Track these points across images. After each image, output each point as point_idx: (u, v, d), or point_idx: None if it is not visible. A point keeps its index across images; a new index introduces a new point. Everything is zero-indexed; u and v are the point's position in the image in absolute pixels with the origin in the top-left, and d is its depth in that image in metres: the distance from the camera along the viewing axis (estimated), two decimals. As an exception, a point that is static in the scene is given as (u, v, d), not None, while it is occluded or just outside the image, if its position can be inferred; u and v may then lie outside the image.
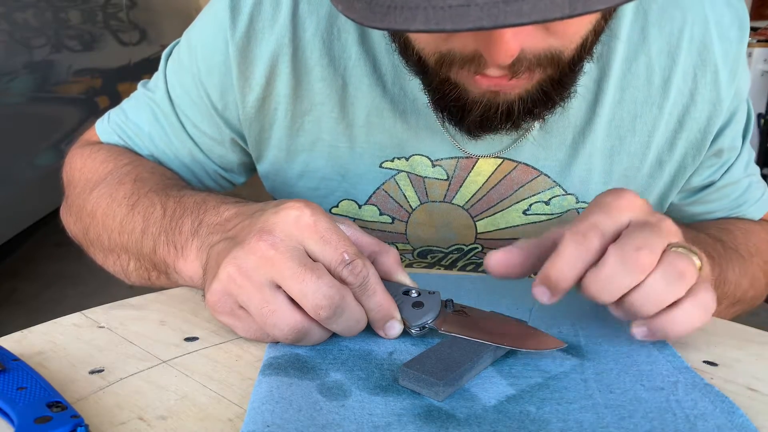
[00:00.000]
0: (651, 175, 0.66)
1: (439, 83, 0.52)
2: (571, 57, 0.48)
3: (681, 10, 0.61)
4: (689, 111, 0.63)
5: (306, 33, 0.61)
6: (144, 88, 0.71)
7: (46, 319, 0.47)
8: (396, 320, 0.44)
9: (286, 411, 0.35)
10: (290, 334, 0.41)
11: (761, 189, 0.72)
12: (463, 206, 0.66)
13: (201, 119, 0.67)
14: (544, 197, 0.66)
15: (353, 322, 0.42)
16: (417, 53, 0.51)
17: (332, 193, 0.67)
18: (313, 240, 0.41)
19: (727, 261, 0.62)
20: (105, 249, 0.61)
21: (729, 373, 0.44)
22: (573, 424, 0.36)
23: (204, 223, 0.48)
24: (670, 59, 0.61)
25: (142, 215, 0.55)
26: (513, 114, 0.52)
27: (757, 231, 0.70)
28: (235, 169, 0.72)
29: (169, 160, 0.70)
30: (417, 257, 0.71)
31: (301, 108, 0.64)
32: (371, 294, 0.42)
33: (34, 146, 2.10)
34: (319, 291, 0.40)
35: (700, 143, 0.64)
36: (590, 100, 0.62)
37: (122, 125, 0.70)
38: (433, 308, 0.45)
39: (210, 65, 0.64)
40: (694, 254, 0.42)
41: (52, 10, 2.19)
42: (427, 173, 0.65)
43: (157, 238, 0.52)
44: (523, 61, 0.46)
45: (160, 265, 0.52)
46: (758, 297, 0.69)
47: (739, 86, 0.63)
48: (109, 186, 0.61)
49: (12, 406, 0.34)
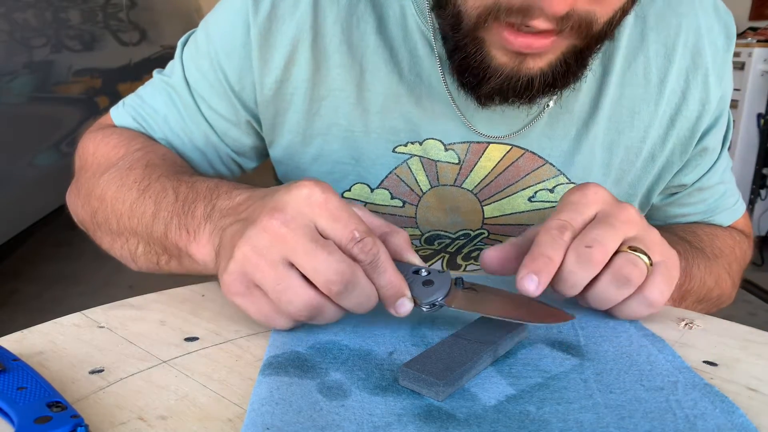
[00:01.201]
0: (644, 168, 0.70)
1: (469, 41, 0.54)
2: (600, 29, 0.52)
3: (677, 18, 0.66)
4: (681, 110, 0.67)
5: (327, 20, 0.64)
6: (159, 74, 0.73)
7: (46, 319, 0.47)
8: (407, 298, 0.44)
9: (286, 412, 0.35)
10: (304, 311, 0.42)
11: (734, 198, 0.77)
12: (472, 190, 0.68)
13: (218, 101, 0.68)
14: (549, 185, 0.68)
15: (364, 298, 0.42)
16: (458, 7, 0.53)
17: (345, 177, 0.68)
18: (324, 218, 0.42)
19: (693, 258, 0.65)
20: (113, 233, 0.61)
21: (729, 373, 0.44)
22: (573, 424, 0.36)
23: (217, 208, 0.49)
24: (666, 61, 0.66)
25: (154, 199, 0.55)
26: (532, 88, 0.55)
27: (723, 236, 0.74)
28: (248, 153, 0.73)
29: (182, 143, 0.70)
30: (424, 243, 0.72)
31: (319, 93, 0.65)
32: (382, 271, 0.43)
33: (34, 146, 2.10)
34: (331, 267, 0.40)
35: (688, 140, 0.69)
36: (594, 95, 0.66)
37: (137, 108, 0.71)
38: (443, 286, 0.45)
39: (229, 49, 0.66)
40: (643, 254, 0.46)
41: (52, 10, 2.19)
42: (439, 157, 0.67)
43: (169, 222, 0.52)
44: (570, 19, 0.49)
45: (172, 249, 0.53)
46: (725, 296, 0.72)
47: (724, 91, 0.69)
48: (119, 171, 0.62)
49: (12, 406, 0.34)
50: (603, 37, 0.54)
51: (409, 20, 0.64)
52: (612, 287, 0.46)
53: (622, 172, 0.69)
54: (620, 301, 0.47)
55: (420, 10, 0.63)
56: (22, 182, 2.00)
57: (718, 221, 0.76)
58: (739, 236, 0.77)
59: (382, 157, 0.67)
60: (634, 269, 0.45)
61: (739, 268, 0.75)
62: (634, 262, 0.46)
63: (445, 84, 0.64)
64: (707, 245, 0.70)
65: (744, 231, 0.79)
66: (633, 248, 0.46)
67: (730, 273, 0.72)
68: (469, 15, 0.52)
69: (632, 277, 0.46)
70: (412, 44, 0.64)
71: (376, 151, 0.67)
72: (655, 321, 0.51)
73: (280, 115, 0.67)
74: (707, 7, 0.67)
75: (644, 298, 0.47)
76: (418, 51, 0.64)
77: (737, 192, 0.78)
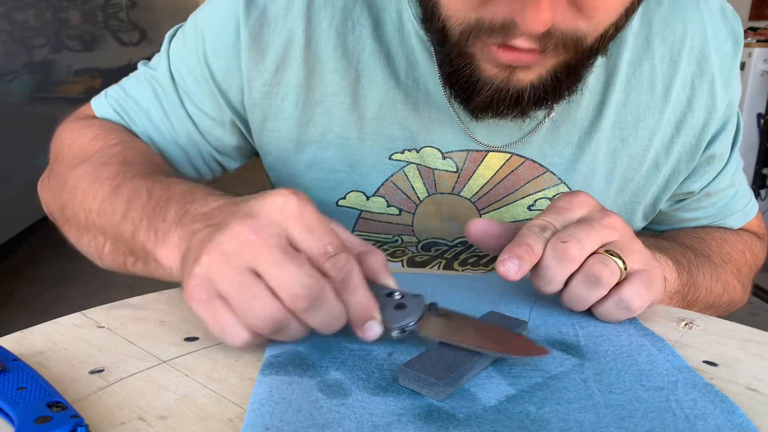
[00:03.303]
0: (648, 176, 0.68)
1: (456, 56, 0.53)
2: (590, 45, 0.51)
3: (682, 23, 0.64)
4: (686, 117, 0.66)
5: (321, 25, 0.63)
6: (145, 66, 0.71)
7: (46, 319, 0.47)
8: (375, 321, 0.42)
9: (286, 412, 0.35)
10: (267, 324, 0.39)
11: (745, 199, 0.76)
12: (470, 199, 0.67)
13: (203, 98, 0.67)
14: (549, 194, 0.67)
15: (331, 317, 0.40)
16: (442, 21, 0.52)
17: (341, 184, 0.67)
18: (297, 228, 0.40)
19: (698, 268, 0.64)
20: (81, 228, 0.58)
21: (729, 373, 0.44)
22: (573, 424, 0.36)
23: (189, 212, 0.46)
24: (672, 67, 0.64)
25: (126, 198, 0.53)
26: (522, 101, 0.54)
27: (733, 240, 0.73)
28: (230, 152, 0.71)
29: (163, 139, 0.69)
30: (421, 250, 0.72)
31: (313, 99, 0.64)
32: (352, 290, 0.41)
33: (34, 146, 2.10)
34: (298, 280, 0.38)
35: (695, 149, 0.67)
36: (597, 102, 0.65)
37: (120, 100, 0.69)
38: (415, 311, 0.43)
39: (217, 48, 0.65)
40: (618, 258, 0.46)
41: (52, 10, 2.19)
42: (437, 165, 0.66)
43: (138, 223, 0.50)
44: (552, 36, 0.48)
45: (138, 252, 0.50)
46: (735, 301, 0.72)
47: (732, 97, 0.67)
48: (94, 165, 0.59)
49: (12, 406, 0.34)
50: (596, 53, 0.53)
51: (407, 25, 0.62)
52: (582, 286, 0.47)
53: (625, 180, 0.68)
54: (594, 302, 0.48)
55: (417, 15, 0.62)
56: (22, 182, 2.00)
57: (729, 224, 0.75)
58: (750, 239, 0.76)
59: (378, 164, 0.66)
60: (604, 269, 0.46)
61: (750, 272, 0.74)
62: (605, 262, 0.46)
63: (444, 90, 0.62)
64: (715, 251, 0.69)
65: (757, 232, 0.78)
66: (609, 252, 0.46)
67: (740, 278, 0.71)
68: (453, 32, 0.52)
69: (601, 276, 0.46)
70: (410, 49, 0.63)
71: (371, 159, 0.66)
72: (655, 321, 0.51)
73: (269, 120, 0.66)
74: (714, 11, 0.65)
75: (621, 301, 0.47)
76: (416, 56, 0.63)
77: (749, 193, 0.76)
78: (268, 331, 0.40)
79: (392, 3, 0.63)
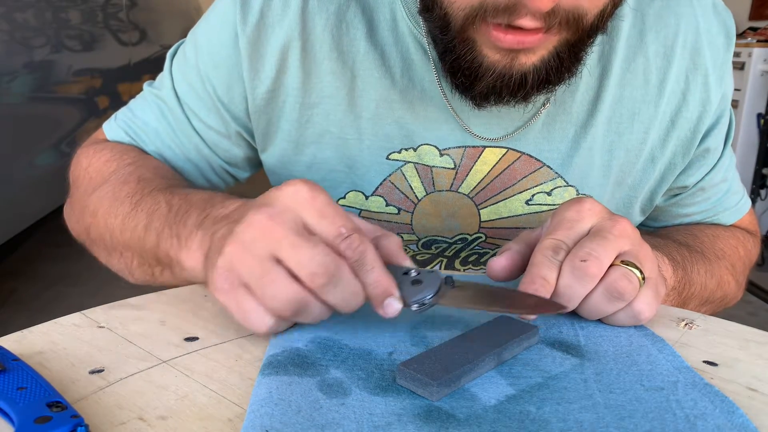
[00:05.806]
0: (644, 170, 0.69)
1: (459, 42, 0.54)
2: (590, 23, 0.52)
3: (675, 18, 0.65)
4: (681, 111, 0.67)
5: (316, 28, 0.63)
6: (150, 87, 0.73)
7: (46, 319, 0.47)
8: (394, 297, 0.43)
9: (285, 413, 0.35)
10: (288, 306, 0.41)
11: (737, 196, 0.76)
12: (468, 194, 0.68)
13: (207, 114, 0.68)
14: (546, 188, 0.67)
15: (349, 294, 0.42)
16: (444, 9, 0.53)
17: (339, 184, 0.68)
18: (311, 214, 0.42)
19: (692, 264, 0.64)
20: (108, 248, 0.61)
21: (729, 373, 0.44)
22: (573, 424, 0.36)
23: (210, 216, 0.48)
24: (666, 61, 0.65)
25: (146, 212, 0.55)
26: (526, 84, 0.54)
27: (726, 236, 0.74)
28: (240, 163, 0.73)
29: (174, 155, 0.71)
30: (421, 248, 0.72)
31: (310, 100, 0.65)
32: (369, 269, 0.42)
33: (34, 146, 2.10)
34: (315, 259, 0.40)
35: (690, 142, 0.68)
36: (592, 96, 0.65)
37: (129, 122, 0.71)
38: (432, 285, 0.44)
39: (217, 60, 0.66)
40: (636, 268, 0.46)
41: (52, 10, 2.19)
42: (434, 162, 0.66)
43: (161, 232, 0.52)
44: (557, 14, 0.49)
45: (164, 259, 0.52)
46: (729, 297, 0.72)
47: (725, 91, 0.68)
48: (112, 185, 0.62)
49: (12, 406, 0.34)
50: (595, 30, 0.54)
51: (400, 24, 0.63)
52: (605, 300, 0.46)
53: (622, 174, 0.68)
54: (611, 313, 0.48)
55: (411, 14, 0.63)
56: (22, 182, 2.00)
57: (722, 220, 0.76)
58: (743, 235, 0.76)
59: (376, 164, 0.66)
60: (629, 285, 0.45)
61: (744, 268, 0.75)
62: (629, 278, 0.46)
63: (439, 86, 0.63)
64: (708, 248, 0.70)
65: (749, 228, 0.78)
66: (626, 262, 0.46)
67: (734, 274, 0.71)
68: (456, 17, 0.52)
69: (626, 292, 0.46)
70: (404, 48, 0.63)
71: (369, 158, 0.66)
72: (655, 321, 0.51)
73: (272, 123, 0.67)
74: (706, 6, 0.66)
75: (632, 311, 0.47)
76: (411, 55, 0.63)
77: (741, 189, 0.77)
78: (290, 313, 0.42)
79: (385, 4, 0.64)
